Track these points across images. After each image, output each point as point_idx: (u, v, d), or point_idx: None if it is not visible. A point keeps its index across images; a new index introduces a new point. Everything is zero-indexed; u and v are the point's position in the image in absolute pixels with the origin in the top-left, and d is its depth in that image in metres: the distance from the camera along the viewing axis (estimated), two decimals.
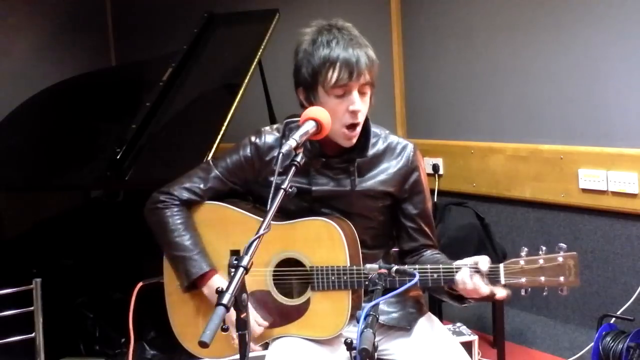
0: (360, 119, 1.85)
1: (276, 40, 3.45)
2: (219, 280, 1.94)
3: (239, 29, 3.75)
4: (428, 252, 2.02)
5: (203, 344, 1.28)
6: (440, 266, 1.80)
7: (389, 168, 1.96)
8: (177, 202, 2.01)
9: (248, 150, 2.00)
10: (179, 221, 1.99)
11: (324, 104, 1.82)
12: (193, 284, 1.95)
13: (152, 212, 2.05)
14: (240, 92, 3.18)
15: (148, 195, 2.09)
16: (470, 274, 1.75)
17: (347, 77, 1.79)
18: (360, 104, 1.83)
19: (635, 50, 2.91)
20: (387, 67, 3.82)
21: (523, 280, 1.76)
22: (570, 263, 1.75)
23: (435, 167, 3.74)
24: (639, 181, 2.91)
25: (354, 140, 1.88)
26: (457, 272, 1.77)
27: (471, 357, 2.73)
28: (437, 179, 3.73)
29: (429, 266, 1.79)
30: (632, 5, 2.90)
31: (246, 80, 3.23)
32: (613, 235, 3.08)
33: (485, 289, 1.74)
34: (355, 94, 1.82)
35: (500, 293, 1.76)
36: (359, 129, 1.87)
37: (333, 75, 1.80)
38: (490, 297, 1.77)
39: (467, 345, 2.79)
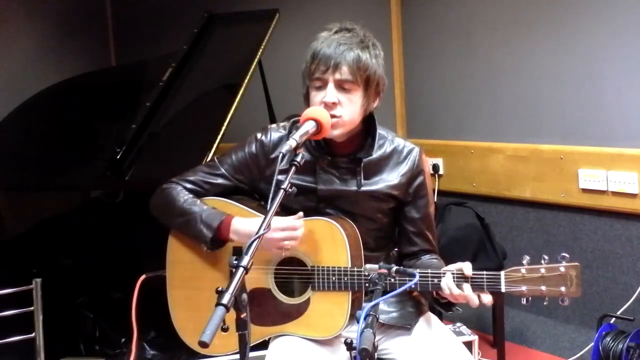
0: (337, 112, 1.85)
1: (276, 40, 3.45)
2: (240, 222, 1.91)
3: (239, 29, 3.75)
4: (426, 257, 2.02)
5: (203, 344, 1.29)
6: (429, 271, 1.81)
7: (395, 171, 1.97)
8: (182, 188, 2.03)
9: (253, 147, 2.01)
10: (186, 196, 2.00)
11: (310, 95, 1.90)
12: (217, 239, 1.93)
13: (158, 195, 2.06)
14: (240, 92, 3.18)
15: (148, 195, 2.09)
16: (458, 283, 1.76)
17: (322, 70, 1.85)
18: (332, 96, 1.84)
19: (635, 51, 2.91)
20: (387, 67, 3.78)
21: (524, 288, 1.76)
22: (572, 273, 1.74)
23: (435, 167, 3.74)
24: (639, 181, 2.91)
25: (335, 133, 1.87)
26: (443, 276, 1.78)
27: None
28: (437, 179, 3.73)
29: (417, 271, 1.77)
30: (631, 5, 2.90)
31: (246, 80, 3.22)
32: (613, 235, 3.08)
33: (472, 295, 1.75)
34: (330, 86, 1.85)
35: (487, 298, 1.77)
36: (338, 121, 1.85)
37: (312, 67, 1.87)
38: (478, 302, 1.77)
39: (467, 345, 2.78)
